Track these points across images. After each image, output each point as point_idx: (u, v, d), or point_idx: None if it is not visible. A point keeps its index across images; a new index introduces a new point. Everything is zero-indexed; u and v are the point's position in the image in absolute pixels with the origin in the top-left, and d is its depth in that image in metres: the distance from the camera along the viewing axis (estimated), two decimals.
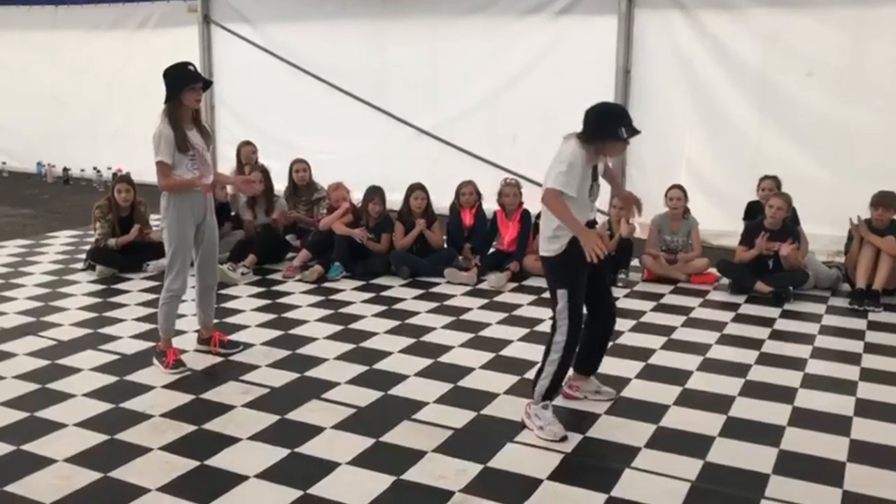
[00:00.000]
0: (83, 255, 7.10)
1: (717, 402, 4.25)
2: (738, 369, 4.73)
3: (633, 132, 3.80)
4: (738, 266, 6.37)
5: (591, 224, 3.96)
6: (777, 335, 5.36)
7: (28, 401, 4.21)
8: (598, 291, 4.03)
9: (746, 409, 4.18)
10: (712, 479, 3.48)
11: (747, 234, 6.44)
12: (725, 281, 6.48)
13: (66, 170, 11.85)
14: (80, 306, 5.90)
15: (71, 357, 4.84)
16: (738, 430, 3.93)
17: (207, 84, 4.63)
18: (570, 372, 4.09)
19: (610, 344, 5.06)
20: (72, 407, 4.15)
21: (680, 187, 6.71)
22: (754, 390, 4.43)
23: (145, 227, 7.00)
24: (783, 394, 4.37)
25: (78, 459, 3.59)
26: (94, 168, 11.51)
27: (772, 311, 5.85)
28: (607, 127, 3.78)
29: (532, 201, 7.19)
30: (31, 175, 12.24)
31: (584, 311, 3.92)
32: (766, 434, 3.88)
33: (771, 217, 6.23)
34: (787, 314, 5.81)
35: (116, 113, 11.38)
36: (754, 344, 5.18)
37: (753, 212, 6.83)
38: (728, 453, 3.69)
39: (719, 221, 7.57)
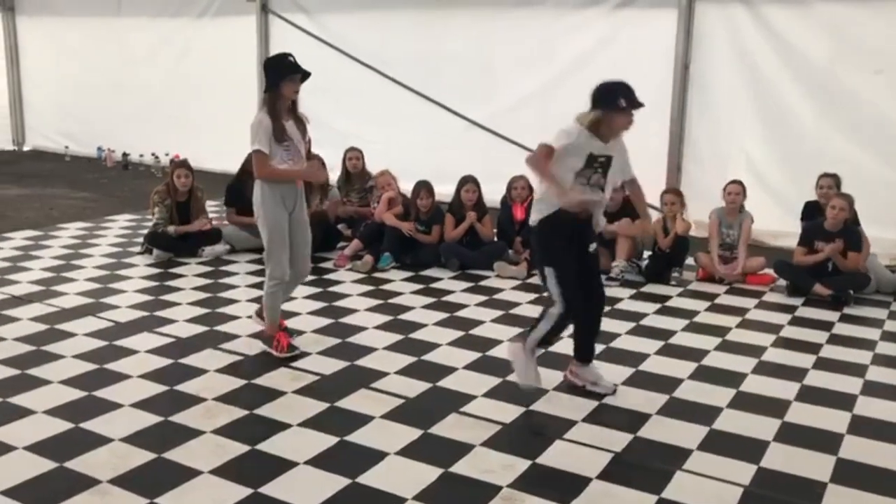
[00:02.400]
0: (141, 239, 7.25)
1: (773, 406, 4.16)
2: (795, 373, 4.62)
3: (635, 104, 3.91)
4: (796, 267, 6.21)
5: (586, 222, 4.07)
6: (836, 340, 5.21)
7: (86, 380, 4.32)
8: (585, 274, 4.11)
9: (803, 414, 4.08)
10: (766, 485, 3.40)
11: (806, 235, 6.28)
12: (782, 282, 6.33)
13: (125, 155, 12.12)
14: (137, 289, 6.03)
15: (127, 339, 4.95)
16: (794, 435, 3.84)
17: (306, 75, 4.60)
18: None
19: (661, 343, 5.04)
20: (128, 387, 4.24)
21: (739, 182, 6.56)
22: (811, 395, 4.31)
23: (202, 214, 7.12)
24: (842, 400, 4.25)
25: (133, 439, 3.67)
26: (153, 154, 11.75)
27: (831, 315, 5.70)
28: (607, 98, 3.92)
29: None
30: (92, 159, 12.55)
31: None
32: (823, 441, 3.78)
33: (832, 218, 6.05)
34: (846, 318, 5.65)
35: (176, 100, 11.59)
36: (812, 348, 5.05)
37: (811, 212, 6.64)
38: (783, 459, 3.61)
39: (777, 221, 7.39)
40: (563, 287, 3.94)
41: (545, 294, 4.11)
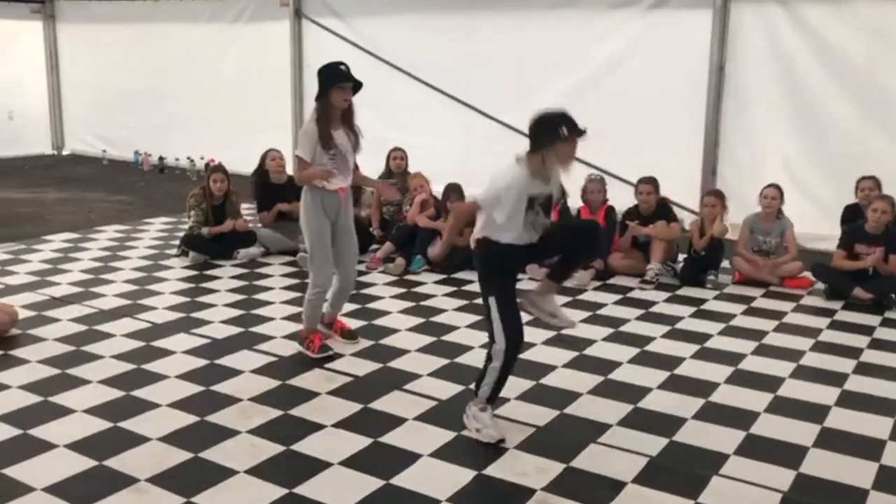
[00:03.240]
0: (177, 242, 7.34)
1: (812, 412, 4.09)
2: (835, 378, 4.54)
3: (578, 132, 3.62)
4: (835, 270, 6.10)
5: (532, 246, 3.74)
6: (877, 344, 5.11)
7: (124, 380, 4.39)
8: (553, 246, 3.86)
9: (843, 419, 4.00)
10: (806, 491, 3.35)
11: (846, 238, 6.16)
12: (821, 286, 6.22)
13: (161, 159, 12.29)
14: (174, 291, 6.11)
15: (164, 340, 5.01)
16: (835, 441, 3.77)
17: (358, 85, 4.58)
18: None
19: (697, 347, 4.99)
20: (165, 388, 4.30)
21: (776, 186, 6.45)
22: (852, 401, 4.23)
23: (237, 217, 7.19)
24: (884, 406, 4.17)
25: (170, 439, 3.72)
26: (188, 158, 11.90)
27: (871, 319, 5.59)
28: (547, 130, 3.63)
29: (617, 198, 7.09)
30: (129, 163, 12.74)
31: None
32: (864, 447, 3.71)
33: (874, 221, 5.95)
34: (888, 322, 5.53)
35: (210, 104, 11.73)
36: (852, 352, 4.95)
37: (852, 215, 6.53)
38: (823, 465, 3.55)
39: (815, 224, 7.27)
40: (505, 316, 3.69)
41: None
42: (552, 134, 3.62)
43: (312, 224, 4.62)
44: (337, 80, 4.51)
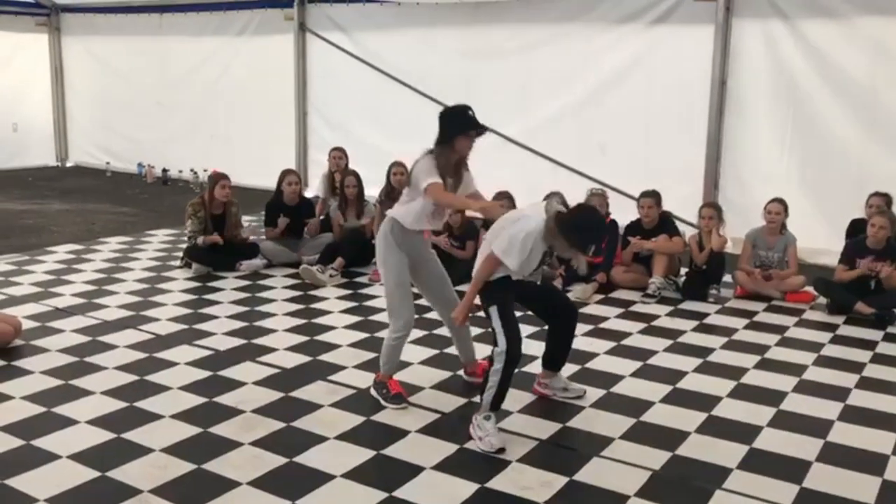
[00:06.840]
0: (180, 253, 7.35)
1: (815, 426, 4.08)
2: (837, 393, 4.54)
3: (597, 251, 4.00)
4: (838, 285, 6.11)
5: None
6: (880, 359, 5.11)
7: (127, 391, 4.39)
8: (545, 303, 4.30)
9: (847, 434, 4.00)
10: None
11: (848, 252, 6.18)
12: (823, 300, 6.22)
13: (165, 171, 12.32)
14: (177, 302, 6.12)
15: (167, 351, 5.02)
16: (838, 456, 3.77)
17: (483, 130, 4.29)
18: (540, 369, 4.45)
19: (699, 361, 4.98)
20: (168, 399, 4.30)
21: (780, 201, 6.45)
22: (855, 416, 4.23)
23: (237, 229, 7.21)
24: (887, 421, 4.16)
25: (173, 450, 3.72)
26: (192, 170, 11.94)
27: (873, 334, 5.59)
28: (579, 236, 3.82)
29: (619, 212, 7.11)
30: (133, 175, 12.78)
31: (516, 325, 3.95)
32: (868, 462, 3.71)
33: (872, 236, 5.97)
34: (890, 337, 5.53)
35: (214, 116, 11.79)
36: (854, 367, 4.95)
37: (857, 230, 6.54)
38: (827, 480, 3.54)
39: (818, 239, 7.27)
40: (505, 321, 3.86)
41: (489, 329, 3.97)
42: (580, 242, 3.83)
43: (393, 261, 4.24)
44: (466, 127, 4.22)
